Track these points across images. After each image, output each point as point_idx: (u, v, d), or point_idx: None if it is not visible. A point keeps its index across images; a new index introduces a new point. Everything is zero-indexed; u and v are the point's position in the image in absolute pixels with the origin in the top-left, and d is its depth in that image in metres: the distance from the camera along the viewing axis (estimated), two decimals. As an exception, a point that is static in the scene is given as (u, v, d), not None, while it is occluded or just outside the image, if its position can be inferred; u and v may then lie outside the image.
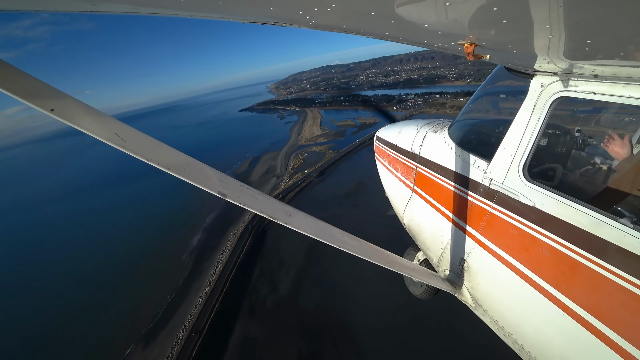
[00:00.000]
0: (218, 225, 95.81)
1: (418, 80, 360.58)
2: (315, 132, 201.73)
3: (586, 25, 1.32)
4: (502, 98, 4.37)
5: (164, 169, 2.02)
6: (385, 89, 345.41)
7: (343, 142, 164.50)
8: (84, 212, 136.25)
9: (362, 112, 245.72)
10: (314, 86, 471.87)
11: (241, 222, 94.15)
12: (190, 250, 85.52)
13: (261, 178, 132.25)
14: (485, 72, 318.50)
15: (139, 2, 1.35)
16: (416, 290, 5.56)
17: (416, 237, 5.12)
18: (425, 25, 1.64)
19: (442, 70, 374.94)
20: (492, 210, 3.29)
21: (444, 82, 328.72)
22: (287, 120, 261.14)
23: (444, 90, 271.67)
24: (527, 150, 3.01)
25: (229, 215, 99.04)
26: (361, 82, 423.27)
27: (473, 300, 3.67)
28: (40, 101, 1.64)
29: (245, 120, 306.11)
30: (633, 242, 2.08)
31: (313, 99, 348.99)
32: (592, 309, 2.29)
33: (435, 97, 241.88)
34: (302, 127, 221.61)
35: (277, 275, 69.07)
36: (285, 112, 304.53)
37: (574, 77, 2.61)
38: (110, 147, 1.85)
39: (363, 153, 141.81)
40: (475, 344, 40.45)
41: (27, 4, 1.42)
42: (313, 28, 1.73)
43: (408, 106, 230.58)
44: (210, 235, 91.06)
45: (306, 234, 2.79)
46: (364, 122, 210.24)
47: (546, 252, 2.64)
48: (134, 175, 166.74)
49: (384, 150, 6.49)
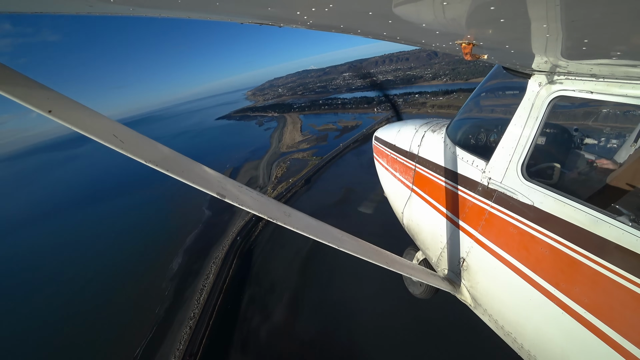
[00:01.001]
0: (199, 246, 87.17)
1: (395, 81, 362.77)
2: (297, 137, 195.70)
3: (583, 24, 1.33)
4: (500, 97, 4.29)
5: (162, 170, 2.00)
6: (363, 91, 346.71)
7: (326, 147, 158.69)
8: (48, 240, 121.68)
9: (343, 115, 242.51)
10: (291, 91, 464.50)
11: (224, 242, 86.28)
12: (171, 276, 76.34)
13: None
14: (459, 71, 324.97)
15: (136, 3, 1.38)
16: (416, 290, 5.55)
17: (415, 237, 5.13)
18: (423, 25, 1.64)
19: (417, 70, 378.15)
20: (491, 209, 3.30)
21: (421, 82, 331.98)
22: (266, 127, 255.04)
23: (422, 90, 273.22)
24: (525, 149, 3.02)
25: (211, 235, 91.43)
26: (338, 86, 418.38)
27: (472, 299, 3.67)
28: (37, 102, 1.63)
29: (222, 128, 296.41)
30: (631, 240, 2.09)
31: (291, 104, 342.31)
32: (591, 307, 2.29)
33: (414, 97, 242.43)
34: (283, 133, 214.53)
35: (270, 301, 61.90)
36: (263, 119, 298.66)
37: (571, 77, 2.62)
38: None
39: (348, 158, 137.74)
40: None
41: (24, 6, 1.42)
42: (311, 28, 1.73)
43: (388, 107, 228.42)
44: (191, 257, 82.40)
45: (305, 235, 2.74)
46: (346, 125, 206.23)
47: (545, 251, 2.65)
48: (104, 195, 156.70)
49: (383, 151, 6.50)
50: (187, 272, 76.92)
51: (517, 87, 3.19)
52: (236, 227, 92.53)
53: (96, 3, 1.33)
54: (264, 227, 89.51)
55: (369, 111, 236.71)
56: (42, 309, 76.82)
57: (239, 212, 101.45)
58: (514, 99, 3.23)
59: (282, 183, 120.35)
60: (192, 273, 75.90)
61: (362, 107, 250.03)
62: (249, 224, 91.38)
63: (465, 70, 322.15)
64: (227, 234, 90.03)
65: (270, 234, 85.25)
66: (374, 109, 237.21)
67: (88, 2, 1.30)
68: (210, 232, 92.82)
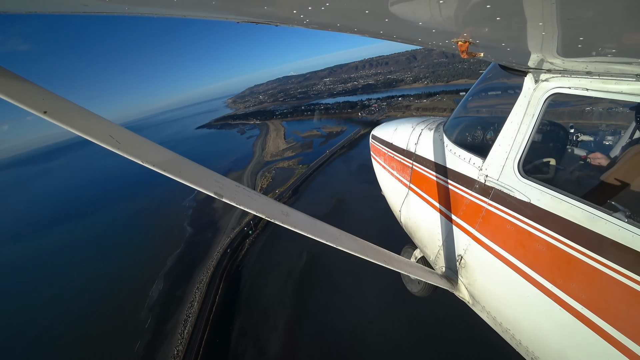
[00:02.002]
0: (181, 268, 78.88)
1: (376, 85, 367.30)
2: (281, 145, 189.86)
3: (578, 22, 1.35)
4: (497, 95, 4.33)
5: (159, 170, 2.00)
6: (345, 95, 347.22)
7: (312, 155, 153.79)
8: (16, 265, 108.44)
9: (326, 121, 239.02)
10: (272, 98, 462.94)
11: (209, 263, 78.32)
12: (150, 305, 67.88)
13: (227, 203, 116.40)
14: (439, 74, 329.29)
15: (132, 2, 1.38)
16: (414, 288, 5.55)
17: (413, 235, 5.14)
18: (420, 24, 1.65)
19: (397, 74, 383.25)
20: (488, 206, 3.31)
21: (402, 85, 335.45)
22: (248, 135, 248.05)
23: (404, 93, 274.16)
24: (521, 146, 3.04)
25: (194, 255, 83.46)
26: (320, 91, 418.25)
27: (470, 296, 3.69)
28: (32, 103, 1.62)
29: (203, 138, 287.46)
30: (627, 236, 2.11)
31: (273, 110, 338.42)
32: (589, 303, 2.31)
33: (398, 100, 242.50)
34: (266, 141, 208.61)
35: (263, 332, 54.86)
36: (245, 127, 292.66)
37: (567, 74, 2.63)
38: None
39: (336, 165, 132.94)
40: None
41: (21, 5, 1.42)
42: (307, 27, 1.74)
43: (372, 111, 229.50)
44: (173, 282, 74.12)
45: (303, 234, 2.77)
46: (331, 131, 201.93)
47: (542, 248, 2.66)
48: (76, 213, 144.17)
49: (380, 149, 6.49)
50: (168, 299, 68.51)
51: (513, 85, 3.22)
52: (221, 245, 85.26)
53: (91, 2, 1.33)
54: (252, 244, 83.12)
55: (354, 115, 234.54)
56: (1, 350, 67.86)
57: (222, 228, 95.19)
58: (510, 96, 3.26)
59: (269, 195, 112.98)
60: (174, 301, 67.71)
61: (346, 111, 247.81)
62: (235, 242, 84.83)
63: (445, 73, 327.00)
64: (211, 253, 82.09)
65: (258, 253, 78.64)
66: (358, 113, 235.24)
67: (83, 1, 1.29)
68: (193, 251, 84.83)
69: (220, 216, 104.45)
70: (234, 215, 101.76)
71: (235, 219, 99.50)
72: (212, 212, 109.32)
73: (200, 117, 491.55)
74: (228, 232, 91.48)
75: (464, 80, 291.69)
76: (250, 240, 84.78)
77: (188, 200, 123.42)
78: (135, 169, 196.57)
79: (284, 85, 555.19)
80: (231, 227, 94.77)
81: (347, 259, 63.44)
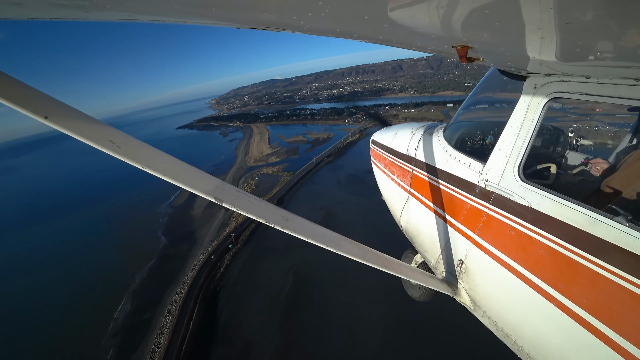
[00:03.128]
0: (152, 286, 68.71)
1: (362, 92, 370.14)
2: (265, 150, 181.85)
3: (576, 26, 1.36)
4: (496, 100, 4.37)
5: (160, 175, 2.01)
6: (331, 102, 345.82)
7: (298, 161, 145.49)
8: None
9: (312, 127, 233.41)
10: (256, 100, 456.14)
11: (183, 281, 68.69)
12: (114, 330, 58.40)
13: (206, 211, 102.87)
14: (425, 85, 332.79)
15: (133, 10, 1.39)
16: (414, 293, 5.53)
17: (413, 240, 5.14)
18: (419, 29, 1.67)
19: (384, 83, 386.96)
20: (489, 211, 3.31)
21: (388, 94, 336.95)
22: (231, 138, 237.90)
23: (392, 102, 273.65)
24: (522, 151, 3.05)
25: (167, 271, 73.33)
26: (305, 96, 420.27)
27: (471, 301, 3.67)
28: (33, 108, 1.64)
29: (183, 138, 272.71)
30: (629, 240, 2.10)
31: (257, 113, 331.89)
32: (590, 308, 2.30)
33: (385, 109, 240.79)
34: (249, 145, 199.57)
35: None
36: (228, 129, 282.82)
37: (566, 78, 2.64)
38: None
39: (323, 174, 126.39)
40: None
41: (22, 12, 1.44)
42: (307, 33, 1.76)
43: (360, 119, 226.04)
44: (141, 303, 64.34)
45: (304, 239, 2.77)
46: (317, 137, 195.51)
47: (543, 252, 2.65)
48: (40, 216, 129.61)
49: (380, 154, 6.51)
50: (135, 324, 58.91)
51: (512, 90, 3.22)
52: (197, 260, 75.94)
53: (92, 10, 1.34)
54: (232, 260, 74.59)
55: (340, 122, 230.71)
56: None
57: (200, 239, 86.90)
58: (509, 101, 3.26)
59: None
60: (141, 325, 58.13)
61: (332, 118, 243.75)
62: (213, 257, 75.86)
63: (431, 84, 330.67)
64: (186, 269, 72.92)
65: (239, 271, 70.38)
66: (344, 120, 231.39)
67: (84, 8, 1.31)
68: (166, 267, 74.91)
69: (199, 226, 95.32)
70: (212, 225, 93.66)
71: (214, 229, 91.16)
72: (190, 220, 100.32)
73: (182, 117, 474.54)
74: (206, 244, 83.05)
75: (450, 92, 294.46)
76: (231, 256, 76.34)
77: (164, 206, 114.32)
78: (109, 169, 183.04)
79: (269, 89, 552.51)
80: (210, 239, 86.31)
81: (339, 281, 58.62)
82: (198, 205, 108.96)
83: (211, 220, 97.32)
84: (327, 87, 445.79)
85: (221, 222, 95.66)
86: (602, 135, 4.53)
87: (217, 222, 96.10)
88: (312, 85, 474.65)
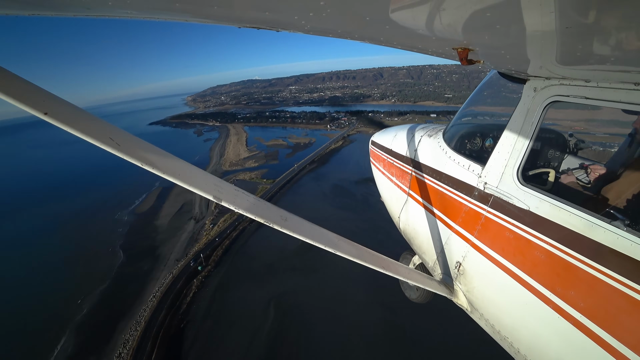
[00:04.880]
0: (102, 318, 55.48)
1: (343, 98, 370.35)
2: (242, 153, 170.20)
3: (577, 30, 1.37)
4: (496, 102, 4.43)
5: (160, 173, 2.02)
6: (312, 105, 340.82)
7: (278, 168, 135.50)
8: None
9: (293, 130, 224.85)
10: (234, 100, 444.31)
11: (140, 313, 55.85)
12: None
13: (173, 221, 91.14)
14: (406, 94, 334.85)
15: (134, 7, 1.41)
16: (412, 294, 5.55)
17: (412, 241, 5.16)
18: (420, 31, 1.68)
19: (364, 89, 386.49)
20: (487, 213, 3.33)
21: (369, 101, 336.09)
22: (206, 137, 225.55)
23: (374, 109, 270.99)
24: (521, 154, 3.07)
25: (121, 297, 60.16)
26: (285, 98, 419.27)
27: (469, 303, 3.70)
28: (33, 104, 1.65)
29: (155, 136, 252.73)
30: (626, 245, 2.12)
31: (235, 113, 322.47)
32: (587, 312, 2.32)
33: (368, 116, 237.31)
34: (225, 146, 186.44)
35: None
36: (203, 128, 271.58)
37: (566, 82, 2.66)
38: None
39: (306, 183, 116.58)
40: None
41: (23, 8, 1.45)
42: (309, 33, 1.78)
43: (342, 124, 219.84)
44: (87, 340, 51.45)
45: (302, 239, 2.76)
46: (298, 142, 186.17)
47: (541, 255, 2.68)
48: None
49: (379, 155, 6.55)
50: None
51: (512, 92, 3.25)
52: (159, 284, 63.01)
53: (94, 6, 1.36)
54: (201, 286, 62.53)
55: (322, 127, 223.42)
56: None
57: (164, 257, 74.39)
58: (509, 104, 3.28)
59: (225, 215, 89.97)
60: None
61: (314, 122, 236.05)
62: (178, 282, 62.90)
63: (412, 93, 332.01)
64: (145, 296, 59.98)
65: (210, 301, 58.46)
66: (327, 125, 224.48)
67: (85, 4, 1.32)
68: (121, 292, 61.84)
69: (163, 240, 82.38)
70: (180, 240, 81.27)
71: (181, 245, 78.57)
72: (154, 232, 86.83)
73: (156, 112, 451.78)
74: (171, 264, 70.36)
75: (431, 102, 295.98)
76: (200, 281, 64.28)
77: (126, 213, 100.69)
78: (70, 165, 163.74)
79: (248, 89, 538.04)
80: (175, 257, 73.90)
81: (331, 316, 49.68)
82: (164, 213, 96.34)
83: (178, 234, 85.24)
84: (307, 90, 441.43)
85: (190, 236, 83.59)
86: (601, 139, 4.68)
87: (186, 236, 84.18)
88: (292, 88, 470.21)
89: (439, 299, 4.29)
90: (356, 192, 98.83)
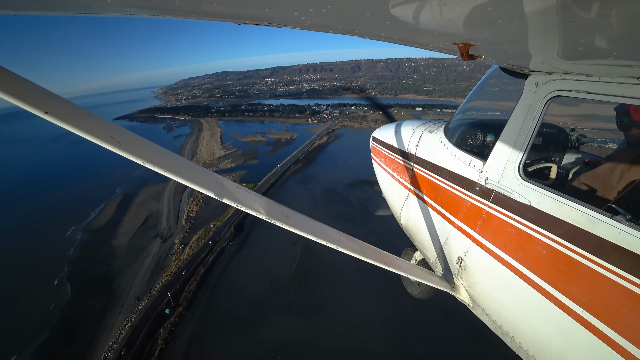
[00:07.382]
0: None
1: (322, 90, 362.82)
2: (217, 151, 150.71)
3: (579, 25, 1.36)
4: (497, 98, 4.37)
5: (161, 171, 2.02)
6: (289, 98, 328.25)
7: (259, 168, 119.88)
8: None
9: (271, 125, 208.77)
10: (207, 93, 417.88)
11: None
12: None
13: (134, 239, 74.43)
14: (386, 87, 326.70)
15: (134, 5, 1.41)
16: (414, 290, 5.55)
17: (413, 237, 5.15)
18: (421, 26, 1.68)
19: (343, 82, 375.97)
20: (489, 209, 3.32)
21: (349, 94, 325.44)
22: (176, 134, 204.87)
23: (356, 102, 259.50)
24: (522, 149, 3.05)
25: (65, 353, 46.36)
26: (261, 91, 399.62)
27: (470, 299, 3.69)
28: (34, 103, 1.65)
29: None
30: (628, 239, 2.12)
31: (208, 107, 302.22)
32: (589, 307, 2.32)
33: (351, 109, 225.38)
34: (198, 143, 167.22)
35: None
36: (174, 123, 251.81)
37: (568, 77, 2.65)
38: None
39: (292, 187, 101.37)
40: None
41: (23, 6, 1.46)
42: (309, 29, 1.78)
43: (324, 118, 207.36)
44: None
45: (304, 235, 2.77)
46: (279, 137, 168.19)
47: (543, 250, 2.67)
48: None
49: (380, 151, 6.53)
50: None
51: (514, 87, 3.23)
52: (114, 335, 48.02)
53: (93, 4, 1.37)
54: (170, 338, 47.72)
55: (302, 121, 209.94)
56: None
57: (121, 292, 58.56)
58: (511, 99, 3.26)
59: (199, 231, 74.49)
60: None
61: (294, 116, 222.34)
62: (139, 332, 48.03)
63: (391, 86, 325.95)
64: (96, 354, 45.48)
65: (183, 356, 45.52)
66: (308, 119, 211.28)
67: (85, 2, 1.33)
68: (63, 349, 46.99)
69: (122, 267, 65.89)
70: (142, 267, 64.04)
71: (144, 275, 62.06)
72: (110, 256, 69.97)
73: (123, 106, 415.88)
74: (130, 304, 55.55)
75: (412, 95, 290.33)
76: (168, 330, 49.08)
77: (77, 229, 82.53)
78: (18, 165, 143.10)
79: (221, 81, 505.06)
80: (136, 293, 58.10)
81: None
82: (124, 229, 79.15)
83: (140, 258, 68.78)
84: (283, 82, 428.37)
85: (155, 261, 66.23)
86: (603, 134, 4.60)
87: (149, 261, 67.13)
88: (267, 80, 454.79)
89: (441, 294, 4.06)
90: (352, 197, 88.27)
